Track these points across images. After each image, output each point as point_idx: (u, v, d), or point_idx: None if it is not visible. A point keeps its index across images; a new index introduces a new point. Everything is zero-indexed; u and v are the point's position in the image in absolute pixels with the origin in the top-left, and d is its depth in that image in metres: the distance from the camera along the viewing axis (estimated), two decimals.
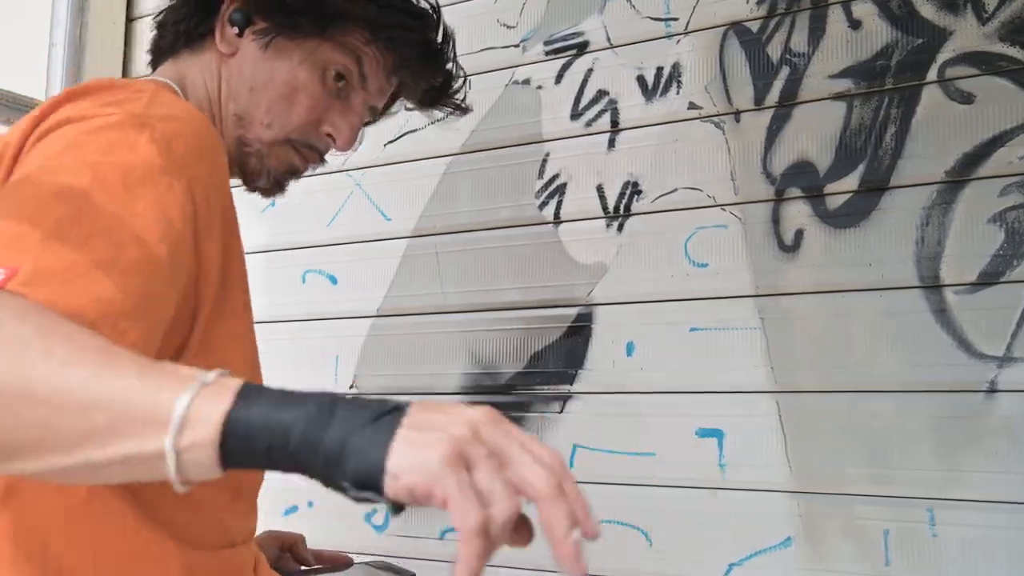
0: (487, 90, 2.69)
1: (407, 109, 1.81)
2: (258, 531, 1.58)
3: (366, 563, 1.99)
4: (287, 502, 2.82)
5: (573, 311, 2.53)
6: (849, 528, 2.18)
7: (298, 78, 1.51)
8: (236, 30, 1.51)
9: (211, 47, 1.52)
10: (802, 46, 2.31)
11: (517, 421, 2.54)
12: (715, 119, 2.39)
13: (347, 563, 1.98)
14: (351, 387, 2.77)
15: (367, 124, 1.69)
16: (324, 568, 1.97)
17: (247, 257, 1.37)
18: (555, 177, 2.58)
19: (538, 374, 2.55)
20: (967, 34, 2.16)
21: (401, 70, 1.65)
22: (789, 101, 2.31)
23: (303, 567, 1.97)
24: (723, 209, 2.36)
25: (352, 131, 1.59)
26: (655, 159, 2.45)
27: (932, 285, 2.14)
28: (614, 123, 2.51)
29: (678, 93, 2.44)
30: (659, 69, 2.47)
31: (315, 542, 2.02)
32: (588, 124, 2.55)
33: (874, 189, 2.21)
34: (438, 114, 1.81)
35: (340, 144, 1.58)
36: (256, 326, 1.41)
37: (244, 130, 1.52)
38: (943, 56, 2.17)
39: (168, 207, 1.09)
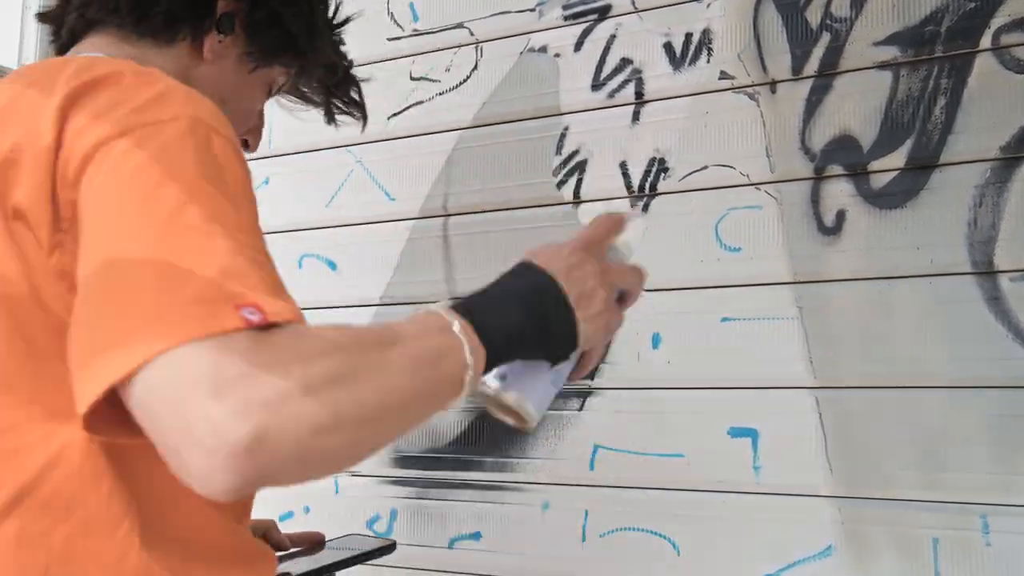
0: (500, 58, 2.70)
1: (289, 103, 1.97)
2: None
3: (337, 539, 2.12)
4: (284, 507, 2.83)
5: None
6: (895, 536, 2.18)
7: (258, 95, 1.73)
8: (221, 38, 1.60)
9: (182, 45, 1.59)
10: (844, 10, 2.31)
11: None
12: (749, 90, 2.39)
13: (320, 541, 2.09)
14: None
15: None
16: (300, 551, 2.06)
17: None
18: (574, 153, 2.58)
19: None
20: None
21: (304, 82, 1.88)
22: (830, 70, 2.31)
23: (279, 551, 2.00)
24: (757, 188, 2.36)
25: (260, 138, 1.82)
26: (683, 134, 2.45)
27: (985, 271, 2.13)
28: (639, 94, 2.51)
29: (708, 61, 2.44)
30: (688, 35, 2.47)
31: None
32: (610, 95, 2.55)
33: (922, 167, 2.20)
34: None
35: (253, 148, 1.78)
36: None
37: None
38: (997, 21, 2.16)
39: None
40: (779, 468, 2.29)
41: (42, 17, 1.68)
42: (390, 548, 2.13)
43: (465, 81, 2.76)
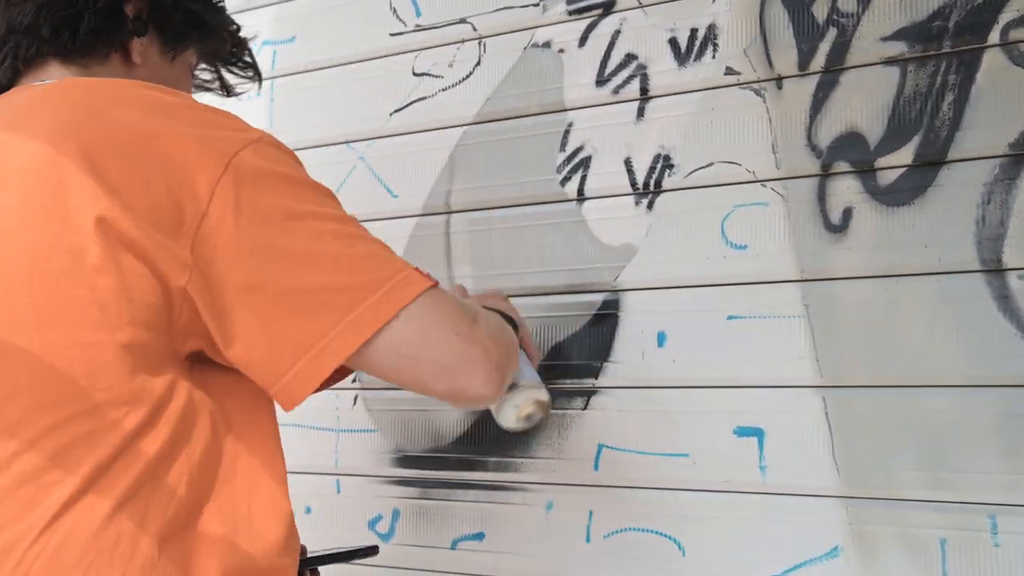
0: (503, 54, 2.70)
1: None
2: None
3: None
4: None
5: (598, 297, 2.54)
6: (902, 537, 2.18)
7: (185, 82, 1.93)
8: (141, 40, 1.80)
9: (115, 58, 1.78)
10: (851, 5, 2.31)
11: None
12: (755, 86, 2.40)
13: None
14: (353, 380, 2.78)
15: None
16: None
17: None
18: (579, 150, 2.59)
19: (559, 367, 2.56)
20: None
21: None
22: (837, 66, 2.31)
23: None
24: (764, 185, 2.37)
25: None
26: (689, 130, 2.46)
27: (994, 269, 2.13)
28: (643, 90, 2.52)
29: (714, 57, 2.44)
30: (693, 31, 2.47)
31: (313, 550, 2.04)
32: (615, 91, 2.56)
33: (930, 163, 2.21)
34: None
35: None
36: None
37: None
38: (1006, 16, 2.16)
39: None
40: (785, 468, 2.30)
41: None
42: (372, 550, 2.17)
43: (468, 77, 2.77)
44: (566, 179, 2.59)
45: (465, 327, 1.59)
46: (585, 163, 2.57)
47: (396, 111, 2.86)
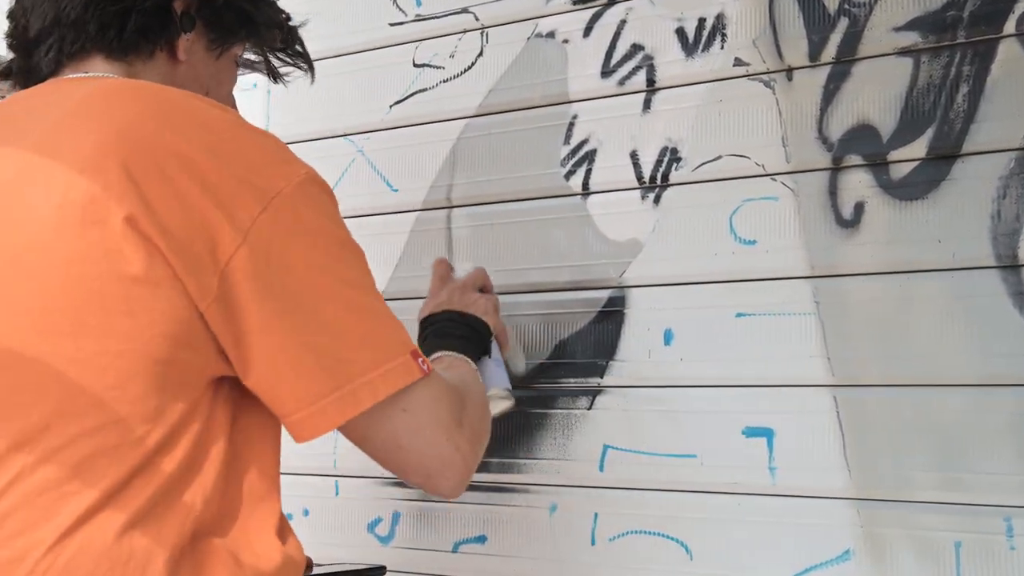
0: (506, 44, 2.70)
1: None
2: None
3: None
4: (283, 510, 2.83)
5: (603, 294, 2.53)
6: (916, 540, 2.18)
7: (229, 76, 1.95)
8: (188, 36, 1.81)
9: (160, 56, 1.81)
10: None
11: (539, 419, 2.55)
12: (764, 77, 2.39)
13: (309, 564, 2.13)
14: None
15: None
16: None
17: None
18: (583, 143, 2.58)
19: (563, 366, 2.55)
20: None
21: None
22: (848, 57, 2.30)
23: None
24: (773, 179, 2.36)
25: None
26: (696, 122, 2.45)
27: (1010, 265, 2.13)
28: (650, 82, 2.51)
29: (722, 48, 2.44)
30: (701, 20, 2.46)
31: (310, 554, 2.03)
32: (621, 83, 2.55)
33: (944, 157, 2.20)
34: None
35: None
36: None
37: None
38: (1022, 6, 2.15)
39: None
40: (795, 469, 2.29)
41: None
42: (380, 571, 2.21)
43: (470, 68, 2.76)
44: (570, 173, 2.58)
45: (455, 432, 1.72)
46: (590, 156, 2.56)
47: (396, 103, 2.85)
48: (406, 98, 2.84)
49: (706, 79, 2.44)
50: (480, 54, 2.75)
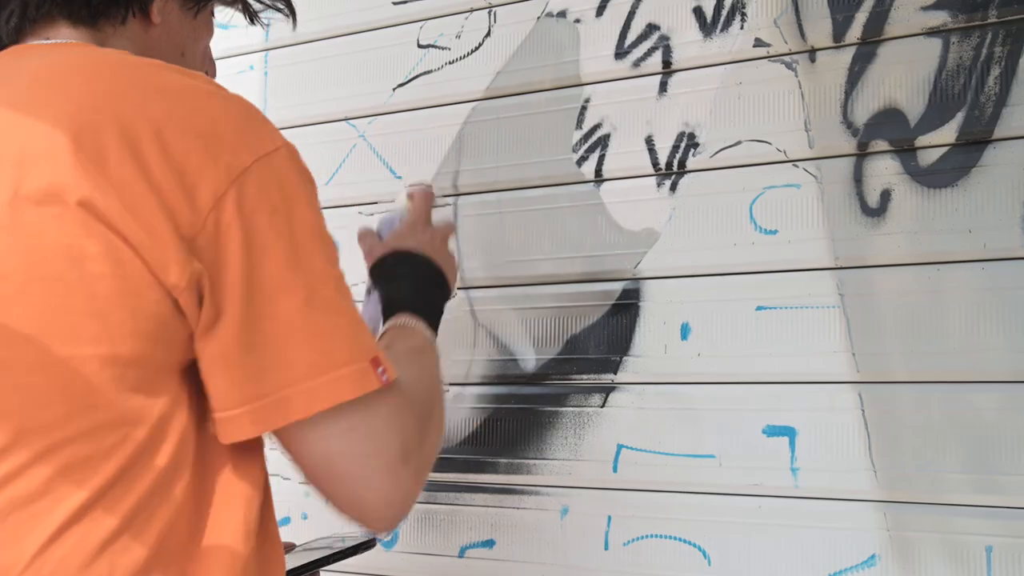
0: (515, 24, 2.70)
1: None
2: None
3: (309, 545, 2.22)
4: (281, 513, 2.83)
5: (618, 286, 2.53)
6: (946, 544, 2.18)
7: (206, 33, 1.89)
8: None
9: (133, 22, 1.75)
10: None
11: (550, 417, 2.55)
12: (786, 59, 2.39)
13: (289, 546, 2.16)
14: None
15: None
16: None
17: None
18: (596, 127, 2.58)
19: (576, 361, 2.56)
20: None
21: None
22: (874, 37, 2.31)
23: None
24: (795, 165, 2.36)
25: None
26: (715, 106, 2.45)
27: None
28: (666, 63, 2.51)
29: (742, 28, 2.44)
30: None
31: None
32: (635, 64, 2.55)
33: (975, 142, 2.20)
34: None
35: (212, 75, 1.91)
36: None
37: None
38: None
39: None
40: (819, 470, 2.29)
41: None
42: (370, 544, 2.21)
43: (477, 49, 2.77)
44: (583, 159, 2.59)
45: (401, 466, 1.54)
46: (603, 142, 2.56)
47: (399, 85, 2.86)
48: (410, 80, 2.85)
49: (725, 60, 2.45)
50: (488, 34, 2.75)
